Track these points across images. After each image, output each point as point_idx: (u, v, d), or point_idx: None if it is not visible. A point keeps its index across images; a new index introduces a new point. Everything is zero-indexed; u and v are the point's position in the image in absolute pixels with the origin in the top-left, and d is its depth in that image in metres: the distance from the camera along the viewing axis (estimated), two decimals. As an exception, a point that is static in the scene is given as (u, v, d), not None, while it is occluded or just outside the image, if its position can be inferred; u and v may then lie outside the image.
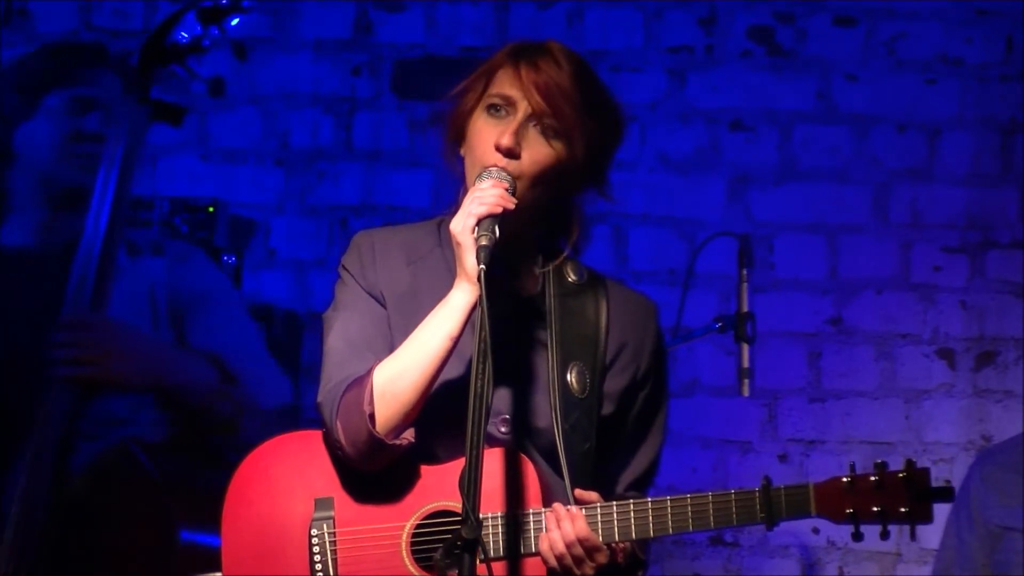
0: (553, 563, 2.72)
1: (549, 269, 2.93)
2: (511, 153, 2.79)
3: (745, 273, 4.18)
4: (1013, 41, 4.94)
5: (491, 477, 2.71)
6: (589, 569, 2.73)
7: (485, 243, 2.67)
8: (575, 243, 2.93)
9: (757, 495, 2.74)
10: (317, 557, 2.76)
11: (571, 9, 4.97)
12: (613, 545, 2.75)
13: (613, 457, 2.92)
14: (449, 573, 2.53)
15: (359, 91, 4.97)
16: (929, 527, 2.66)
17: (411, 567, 2.75)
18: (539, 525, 2.73)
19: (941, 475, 4.71)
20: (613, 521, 2.74)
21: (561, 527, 2.71)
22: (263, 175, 4.94)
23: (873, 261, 4.93)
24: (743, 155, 4.95)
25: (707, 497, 2.75)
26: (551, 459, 2.80)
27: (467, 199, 2.74)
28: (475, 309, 2.70)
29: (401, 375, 2.74)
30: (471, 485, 2.49)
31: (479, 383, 2.53)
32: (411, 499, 2.78)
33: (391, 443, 2.74)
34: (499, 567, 2.71)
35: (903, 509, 2.73)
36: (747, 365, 4.15)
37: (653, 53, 4.97)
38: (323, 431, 2.82)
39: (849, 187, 4.95)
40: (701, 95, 4.96)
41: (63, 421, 3.01)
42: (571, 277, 2.95)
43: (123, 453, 3.12)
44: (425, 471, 2.79)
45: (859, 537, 2.74)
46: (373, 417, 2.73)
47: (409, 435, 2.76)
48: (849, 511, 2.74)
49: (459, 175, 2.90)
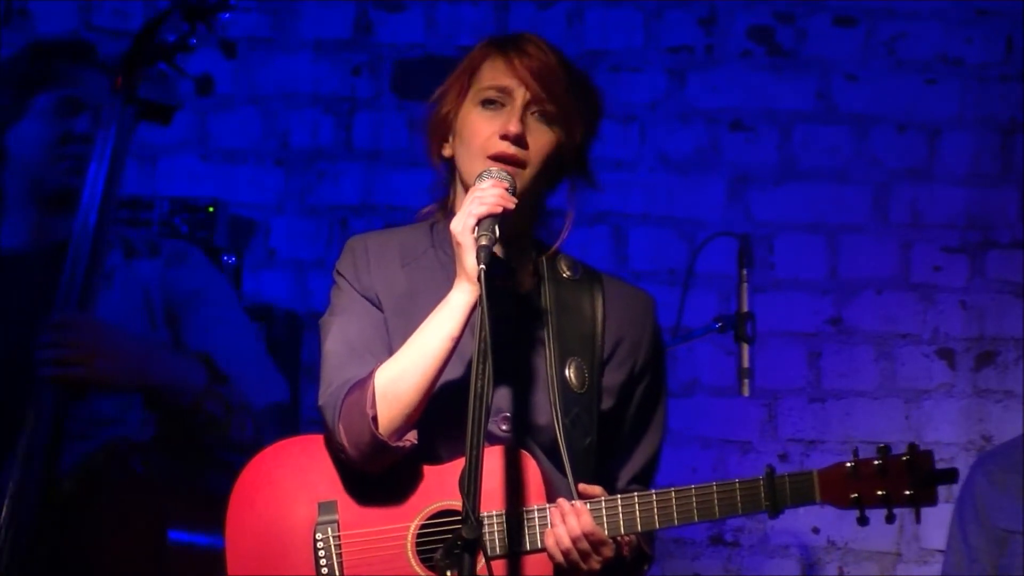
0: (560, 559, 2.71)
1: (543, 265, 2.93)
2: (520, 140, 2.78)
3: (745, 273, 4.18)
4: (1013, 41, 4.93)
5: (493, 475, 2.71)
6: (596, 564, 2.71)
7: (485, 243, 2.67)
8: (564, 235, 2.92)
9: (761, 483, 2.74)
10: (323, 561, 2.76)
11: (571, 9, 4.97)
12: (619, 539, 2.74)
13: (614, 453, 2.91)
14: (450, 573, 2.53)
15: (359, 91, 4.96)
16: (930, 527, 2.66)
17: (417, 568, 2.74)
18: (544, 521, 2.73)
19: (941, 475, 4.70)
20: (618, 514, 2.73)
21: (566, 522, 2.70)
22: (263, 175, 4.94)
23: (873, 261, 4.93)
24: (743, 155, 4.95)
25: (711, 487, 2.74)
26: (553, 455, 2.80)
27: (467, 198, 2.74)
28: (475, 309, 2.70)
29: (402, 377, 2.74)
30: (471, 485, 2.49)
31: (479, 383, 2.53)
32: (415, 500, 2.77)
33: (394, 445, 2.74)
34: (505, 565, 2.71)
35: (907, 492, 2.73)
36: (747, 365, 4.15)
37: (653, 53, 4.97)
38: (325, 434, 2.82)
39: (849, 187, 4.95)
40: (701, 95, 4.96)
41: (51, 422, 3.00)
42: (566, 272, 2.94)
43: (111, 453, 3.11)
44: (427, 471, 2.78)
45: (864, 521, 2.73)
46: (376, 420, 2.72)
47: (412, 437, 2.76)
48: (853, 496, 2.73)
49: (445, 176, 2.90)
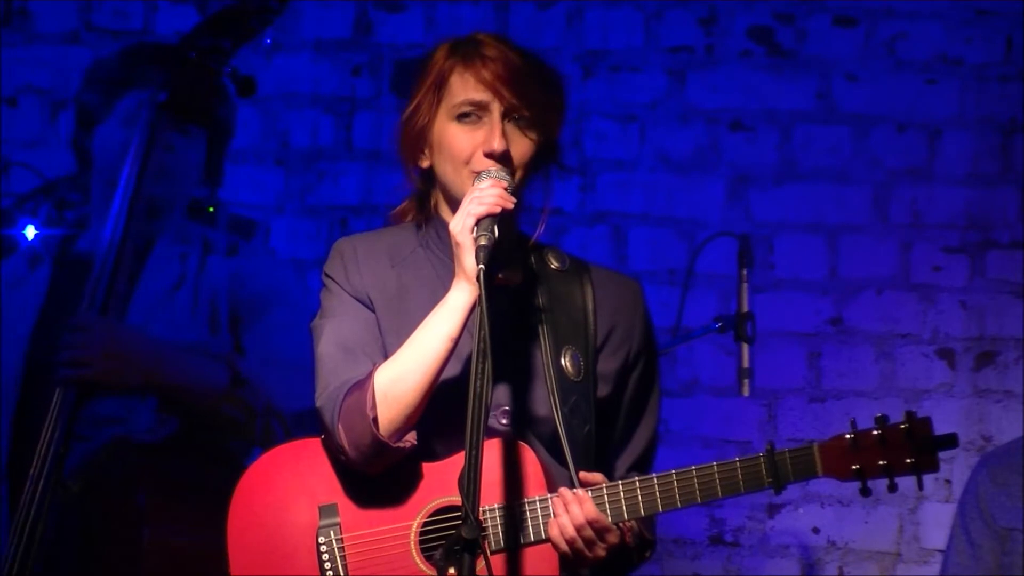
0: (564, 548, 2.71)
1: (532, 259, 2.93)
2: (506, 157, 2.79)
3: (745, 273, 4.19)
4: (1013, 41, 4.93)
5: (493, 468, 2.72)
6: (601, 551, 2.72)
7: (484, 243, 2.68)
8: (540, 227, 2.93)
9: (762, 460, 2.75)
10: (327, 564, 2.76)
11: (571, 9, 4.96)
12: (621, 525, 2.74)
13: (610, 441, 2.91)
14: (449, 572, 2.53)
15: (359, 91, 4.96)
16: (930, 527, 2.66)
17: (422, 566, 2.75)
18: (546, 512, 2.73)
19: (941, 475, 4.71)
20: (620, 500, 2.74)
21: (570, 511, 2.71)
22: (263, 175, 4.93)
23: (873, 261, 4.92)
24: (743, 155, 4.94)
25: (712, 467, 2.75)
26: (553, 446, 2.80)
27: (466, 199, 2.75)
28: (474, 309, 2.70)
29: (402, 377, 2.74)
30: (471, 484, 2.49)
31: (478, 382, 2.53)
32: (415, 498, 2.77)
33: (395, 446, 2.74)
34: (509, 558, 2.71)
35: (909, 460, 2.73)
36: (747, 365, 4.15)
37: (653, 53, 4.96)
38: (323, 436, 2.82)
39: (849, 187, 4.94)
40: (701, 95, 4.95)
41: (62, 423, 3.01)
42: (554, 264, 2.95)
43: (114, 454, 3.12)
44: (426, 468, 2.79)
45: (867, 492, 2.74)
46: (377, 421, 2.72)
47: (412, 438, 2.76)
48: (855, 468, 2.74)
49: (420, 184, 2.92)
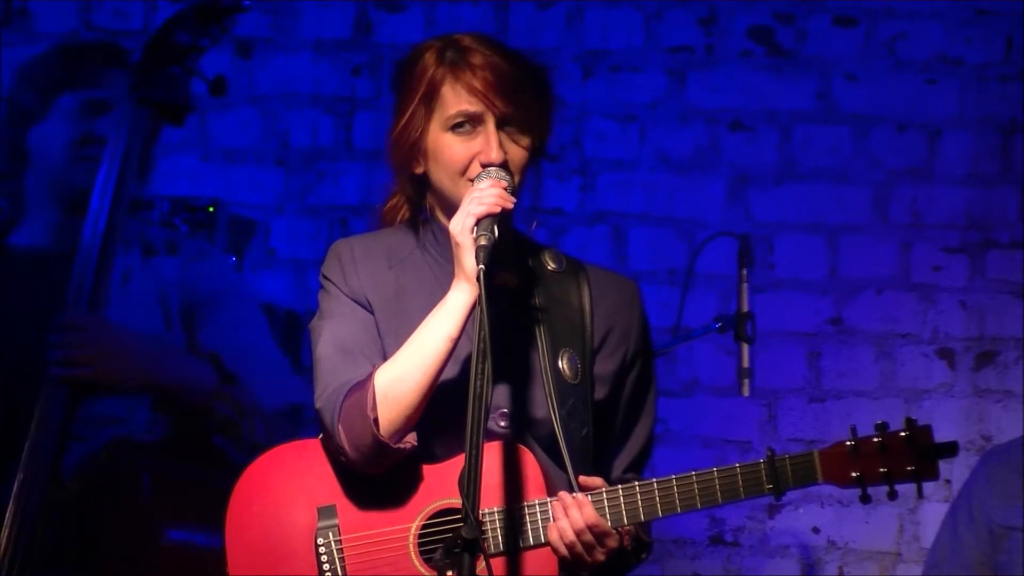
0: (564, 552, 2.71)
1: (528, 259, 2.93)
2: (503, 166, 2.79)
3: (745, 273, 4.19)
4: (1013, 41, 4.93)
5: (492, 471, 2.71)
6: (600, 555, 2.71)
7: (484, 243, 2.67)
8: (532, 225, 2.93)
9: (762, 466, 2.73)
10: (326, 566, 2.75)
11: (571, 9, 4.96)
12: (620, 529, 2.74)
13: (607, 442, 2.91)
14: (450, 573, 2.52)
15: (359, 91, 4.96)
16: (930, 527, 2.65)
17: (421, 568, 2.74)
18: (545, 515, 2.72)
19: (941, 475, 4.70)
20: (620, 505, 2.73)
21: (569, 515, 2.70)
22: (263, 175, 4.94)
23: (873, 261, 4.93)
24: (743, 155, 4.95)
25: (712, 472, 2.74)
26: (551, 449, 2.79)
27: (466, 199, 2.74)
28: (474, 309, 2.70)
29: (403, 378, 2.73)
30: (471, 485, 2.48)
31: (478, 383, 2.52)
32: (415, 500, 2.77)
33: (396, 447, 2.73)
34: (508, 561, 2.70)
35: (909, 468, 2.73)
36: (747, 365, 4.15)
37: (653, 53, 4.97)
38: (322, 437, 2.81)
39: (849, 187, 4.95)
40: (701, 95, 4.96)
41: (57, 422, 3.01)
42: (551, 265, 2.95)
43: (113, 453, 3.12)
44: (426, 470, 2.78)
45: (867, 499, 2.73)
46: (377, 422, 2.72)
47: (412, 439, 2.76)
48: (855, 475, 2.73)
49: (412, 189, 2.90)
